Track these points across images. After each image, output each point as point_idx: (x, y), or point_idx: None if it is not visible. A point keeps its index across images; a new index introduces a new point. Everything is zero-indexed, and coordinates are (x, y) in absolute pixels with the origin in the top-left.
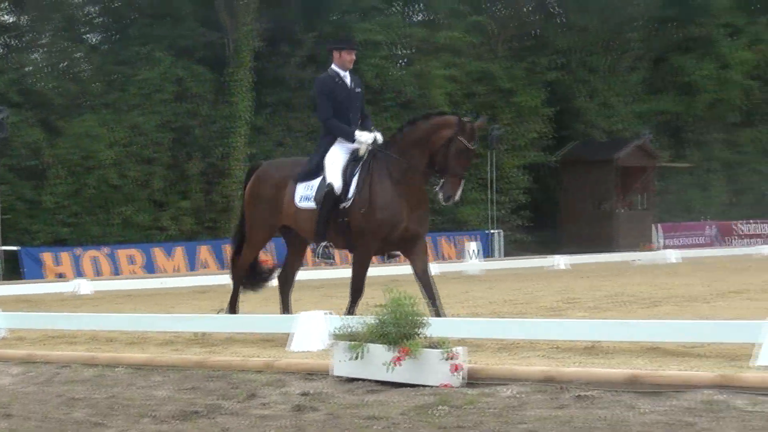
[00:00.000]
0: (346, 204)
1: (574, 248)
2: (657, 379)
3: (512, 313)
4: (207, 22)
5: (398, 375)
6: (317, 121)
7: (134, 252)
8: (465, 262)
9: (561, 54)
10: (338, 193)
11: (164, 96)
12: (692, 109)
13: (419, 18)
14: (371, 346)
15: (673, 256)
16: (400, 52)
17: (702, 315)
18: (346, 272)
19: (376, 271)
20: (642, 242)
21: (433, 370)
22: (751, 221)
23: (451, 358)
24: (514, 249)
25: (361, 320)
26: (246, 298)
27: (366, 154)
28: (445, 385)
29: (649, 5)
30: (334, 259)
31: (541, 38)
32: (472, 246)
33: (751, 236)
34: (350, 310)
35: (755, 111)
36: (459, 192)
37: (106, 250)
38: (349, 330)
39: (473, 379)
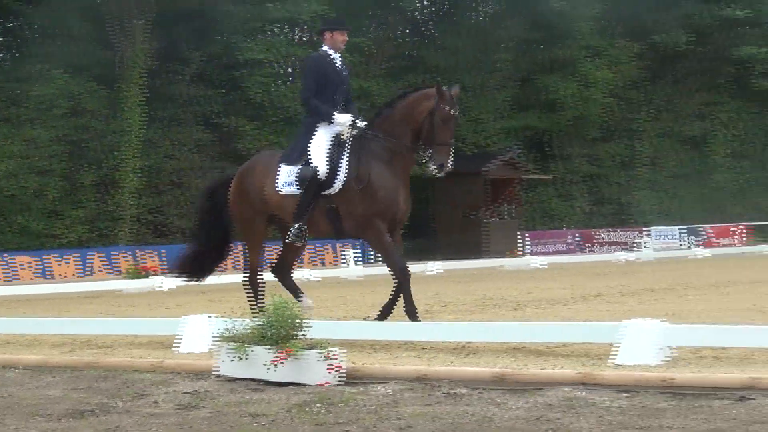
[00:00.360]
0: (333, 190)
1: (447, 255)
2: (522, 377)
3: (395, 317)
4: (101, 41)
5: (280, 374)
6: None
7: (29, 258)
8: (344, 268)
9: (435, 73)
10: (322, 178)
11: (59, 111)
12: (556, 126)
13: (302, 38)
14: (254, 347)
15: (537, 262)
16: (283, 71)
17: (564, 317)
18: (232, 277)
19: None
20: (509, 249)
21: (313, 370)
22: (610, 230)
23: (330, 359)
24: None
25: (244, 323)
26: (135, 302)
27: (349, 138)
28: (324, 384)
29: (517, 28)
30: (304, 242)
31: (416, 58)
32: (351, 253)
33: (610, 243)
34: (407, 298)
35: (614, 127)
36: (450, 161)
37: (4, 256)
38: (233, 332)
39: (351, 378)
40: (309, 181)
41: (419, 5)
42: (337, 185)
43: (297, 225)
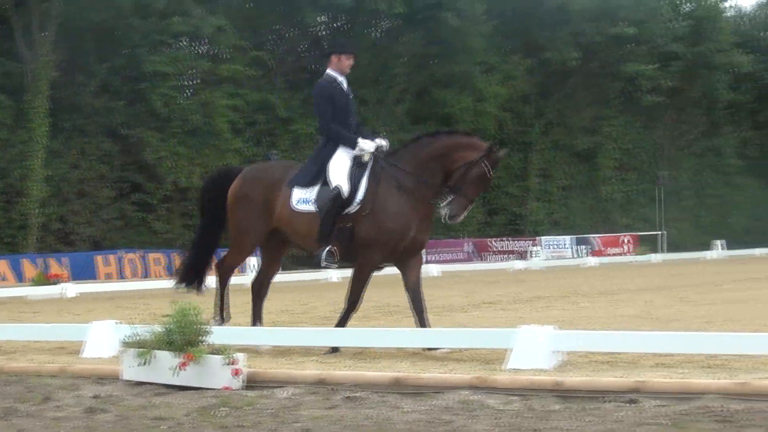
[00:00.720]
0: (351, 209)
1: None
2: (419, 381)
3: (290, 323)
4: (6, 53)
5: (183, 379)
6: (317, 125)
7: None
8: (245, 275)
9: None
10: (345, 196)
11: None
12: None
13: (204, 51)
14: (158, 352)
15: (434, 270)
16: (186, 83)
17: (460, 323)
18: (137, 285)
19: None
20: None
21: (216, 375)
22: (504, 239)
23: (232, 364)
24: (291, 263)
25: (149, 329)
26: (41, 308)
27: (370, 161)
28: (227, 388)
29: (414, 44)
30: (337, 263)
31: (316, 72)
32: (254, 261)
33: (504, 252)
34: (342, 322)
35: (507, 140)
36: (465, 214)
37: None
38: (138, 338)
39: (253, 383)
40: (332, 200)
41: (319, 21)
42: (356, 205)
43: (327, 248)
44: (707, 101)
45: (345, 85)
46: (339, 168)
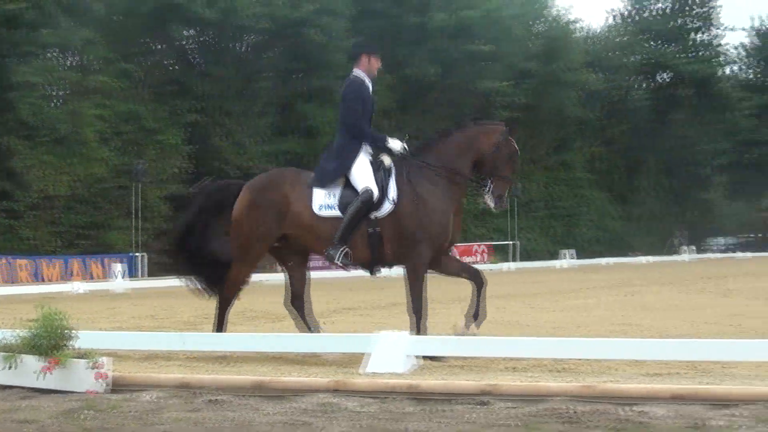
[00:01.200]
0: (380, 213)
1: None
2: (279, 384)
3: (154, 327)
4: None
5: (49, 382)
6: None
7: None
8: (112, 281)
9: (200, 99)
10: (375, 200)
11: None
12: (314, 150)
13: (73, 63)
14: (24, 356)
15: None
16: (55, 93)
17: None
18: (5, 290)
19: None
20: (269, 264)
21: (81, 378)
22: None
23: (97, 367)
24: (157, 270)
25: (15, 333)
26: None
27: (393, 164)
28: (92, 392)
29: (278, 58)
30: (352, 265)
31: (183, 84)
32: (119, 267)
33: None
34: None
35: None
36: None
37: None
38: (4, 342)
39: (117, 386)
40: (361, 203)
41: (186, 34)
42: (386, 208)
43: (344, 248)
44: (558, 117)
45: (371, 87)
46: (364, 170)
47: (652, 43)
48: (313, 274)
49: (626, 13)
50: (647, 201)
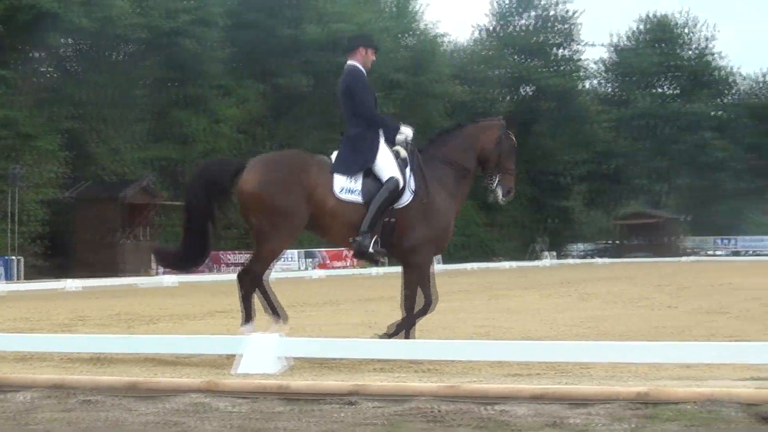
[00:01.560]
0: (400, 203)
1: (87, 273)
2: (152, 385)
3: (27, 330)
4: None
5: None
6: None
7: None
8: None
9: (78, 105)
10: (399, 190)
11: None
12: (189, 157)
13: None
14: None
15: (169, 280)
16: None
17: (194, 331)
18: None
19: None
20: (144, 268)
21: None
22: (237, 252)
23: None
24: (33, 273)
25: None
26: None
27: (408, 156)
28: None
29: (154, 67)
30: (384, 253)
31: (60, 91)
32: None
33: (237, 264)
34: (409, 327)
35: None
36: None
37: None
38: None
39: None
40: (389, 192)
41: (64, 42)
42: (406, 198)
43: (375, 236)
44: (425, 127)
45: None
46: (387, 159)
47: (516, 57)
48: (188, 278)
49: (491, 28)
50: (510, 208)
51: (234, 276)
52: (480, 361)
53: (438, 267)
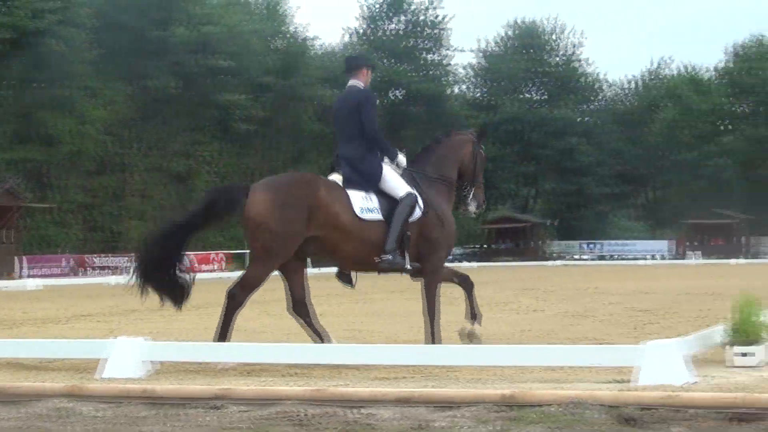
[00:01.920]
0: (414, 217)
1: None
2: (14, 389)
3: None
4: None
5: None
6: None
7: None
8: None
9: None
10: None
11: None
12: (54, 158)
13: None
14: None
15: (33, 284)
16: None
17: (57, 335)
18: None
19: None
20: (6, 272)
21: None
22: (103, 255)
23: None
24: None
25: None
26: None
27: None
28: None
29: (19, 67)
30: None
31: None
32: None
33: (103, 268)
34: (434, 335)
35: (109, 161)
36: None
37: None
38: None
39: None
40: (409, 207)
41: None
42: (417, 213)
43: (405, 252)
44: (295, 131)
45: None
46: (395, 177)
47: (386, 61)
48: (52, 282)
49: (362, 31)
50: None
51: (101, 279)
52: (346, 364)
53: (310, 270)
